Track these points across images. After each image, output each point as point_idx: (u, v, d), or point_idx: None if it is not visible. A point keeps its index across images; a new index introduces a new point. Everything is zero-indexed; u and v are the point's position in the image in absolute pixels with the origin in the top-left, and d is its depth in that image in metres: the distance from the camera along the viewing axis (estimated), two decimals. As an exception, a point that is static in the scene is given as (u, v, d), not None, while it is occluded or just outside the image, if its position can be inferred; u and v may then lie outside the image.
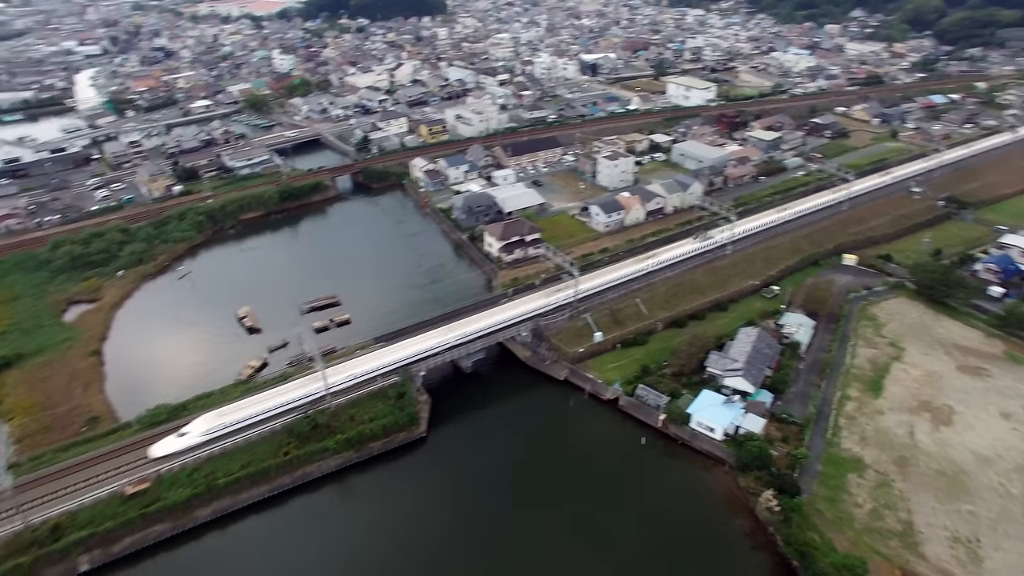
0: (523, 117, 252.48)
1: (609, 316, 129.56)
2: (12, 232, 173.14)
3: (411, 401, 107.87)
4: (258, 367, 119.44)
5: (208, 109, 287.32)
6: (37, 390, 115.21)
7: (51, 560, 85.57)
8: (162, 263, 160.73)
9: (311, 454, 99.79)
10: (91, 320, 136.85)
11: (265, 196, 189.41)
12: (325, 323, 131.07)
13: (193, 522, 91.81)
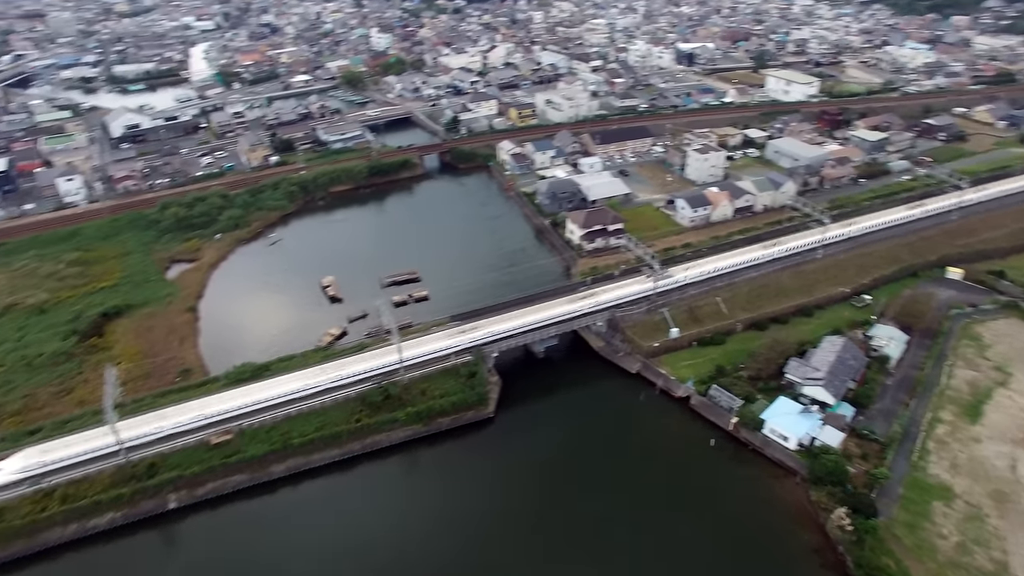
0: (614, 105, 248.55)
1: (687, 313, 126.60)
2: (129, 192, 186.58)
3: (482, 381, 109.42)
4: (337, 335, 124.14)
5: (307, 84, 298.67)
6: (141, 339, 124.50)
7: (146, 494, 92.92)
8: (256, 229, 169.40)
9: (381, 424, 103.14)
10: (190, 278, 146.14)
11: (355, 170, 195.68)
12: (404, 298, 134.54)
13: (268, 476, 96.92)
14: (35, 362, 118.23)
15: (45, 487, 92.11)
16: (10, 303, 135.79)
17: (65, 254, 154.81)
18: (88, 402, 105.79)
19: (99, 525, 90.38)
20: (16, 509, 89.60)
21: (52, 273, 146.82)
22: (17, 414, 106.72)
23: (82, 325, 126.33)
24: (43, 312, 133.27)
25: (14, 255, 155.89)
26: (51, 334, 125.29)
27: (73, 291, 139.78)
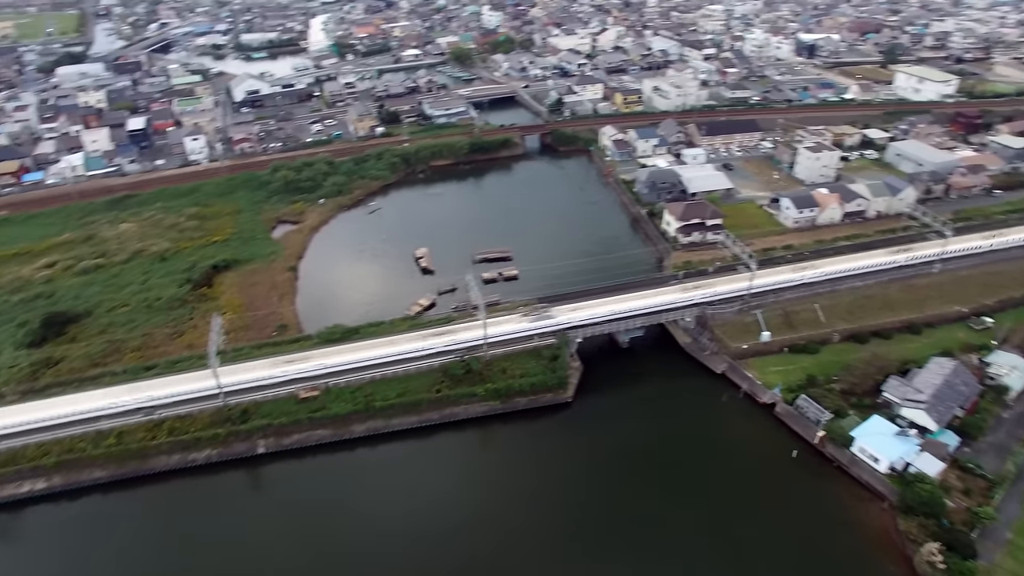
0: (724, 96, 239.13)
1: (781, 317, 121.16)
2: (245, 154, 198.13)
3: (563, 365, 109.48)
4: (426, 306, 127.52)
5: (417, 58, 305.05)
6: (245, 293, 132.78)
7: (239, 437, 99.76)
8: (357, 197, 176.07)
9: (460, 396, 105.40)
10: (293, 239, 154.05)
11: (457, 146, 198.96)
12: (494, 275, 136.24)
13: (349, 434, 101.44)
14: (155, 304, 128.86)
15: (156, 419, 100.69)
16: (138, 249, 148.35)
17: (186, 208, 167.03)
18: (195, 346, 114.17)
19: (197, 459, 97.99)
20: (133, 434, 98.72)
21: (174, 225, 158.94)
22: (137, 350, 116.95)
23: (195, 275, 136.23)
24: (164, 260, 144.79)
25: (145, 206, 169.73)
26: (169, 281, 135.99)
27: (190, 242, 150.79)
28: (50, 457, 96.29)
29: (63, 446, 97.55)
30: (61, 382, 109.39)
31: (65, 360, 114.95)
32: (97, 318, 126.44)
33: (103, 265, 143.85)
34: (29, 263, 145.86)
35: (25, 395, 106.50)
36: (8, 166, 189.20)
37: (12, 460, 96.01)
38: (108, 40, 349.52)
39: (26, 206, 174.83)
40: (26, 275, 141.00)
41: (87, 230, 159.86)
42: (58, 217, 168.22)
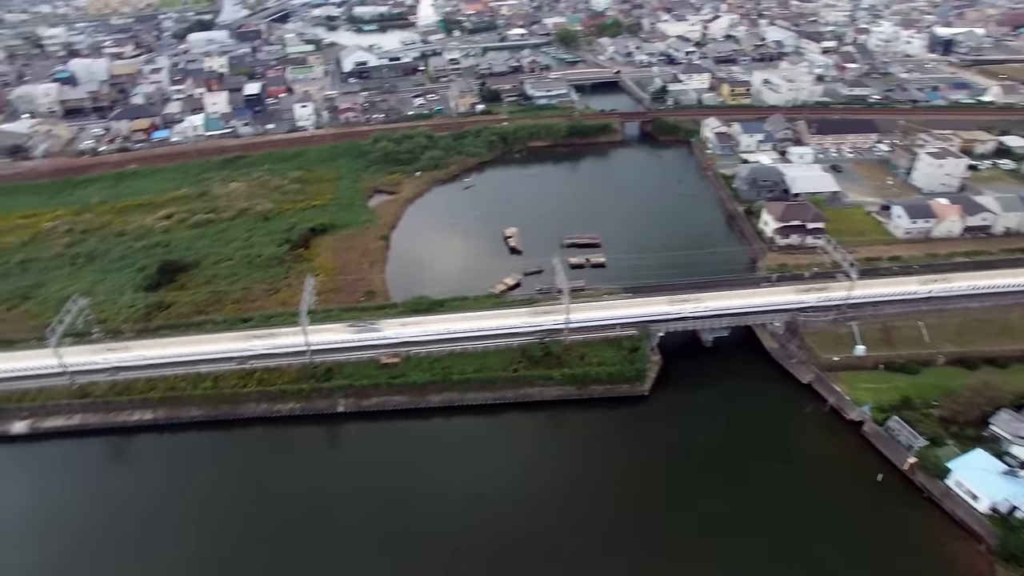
0: (840, 92, 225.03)
1: (880, 332, 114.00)
2: (349, 123, 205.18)
3: (643, 358, 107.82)
4: (511, 285, 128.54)
5: (522, 38, 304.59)
6: (338, 257, 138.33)
7: (321, 394, 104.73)
8: (453, 172, 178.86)
9: (536, 378, 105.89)
10: (387, 209, 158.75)
11: (555, 128, 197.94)
12: (581, 261, 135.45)
13: (425, 403, 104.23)
14: (255, 261, 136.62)
15: (248, 368, 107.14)
16: (244, 208, 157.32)
17: (291, 172, 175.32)
18: (289, 304, 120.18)
19: (282, 410, 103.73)
20: (227, 380, 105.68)
21: (278, 187, 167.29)
22: (236, 302, 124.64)
23: (294, 236, 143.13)
24: (267, 219, 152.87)
25: (254, 167, 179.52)
26: (270, 240, 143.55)
27: (292, 205, 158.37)
28: (156, 392, 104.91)
29: (167, 383, 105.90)
30: (170, 325, 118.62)
31: (174, 305, 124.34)
32: (204, 269, 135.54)
33: (213, 220, 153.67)
34: (151, 213, 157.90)
35: (140, 333, 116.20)
36: (141, 123, 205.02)
37: (126, 391, 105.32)
38: (234, 9, 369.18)
39: (153, 160, 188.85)
40: (148, 224, 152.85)
41: (202, 186, 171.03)
42: (178, 172, 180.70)
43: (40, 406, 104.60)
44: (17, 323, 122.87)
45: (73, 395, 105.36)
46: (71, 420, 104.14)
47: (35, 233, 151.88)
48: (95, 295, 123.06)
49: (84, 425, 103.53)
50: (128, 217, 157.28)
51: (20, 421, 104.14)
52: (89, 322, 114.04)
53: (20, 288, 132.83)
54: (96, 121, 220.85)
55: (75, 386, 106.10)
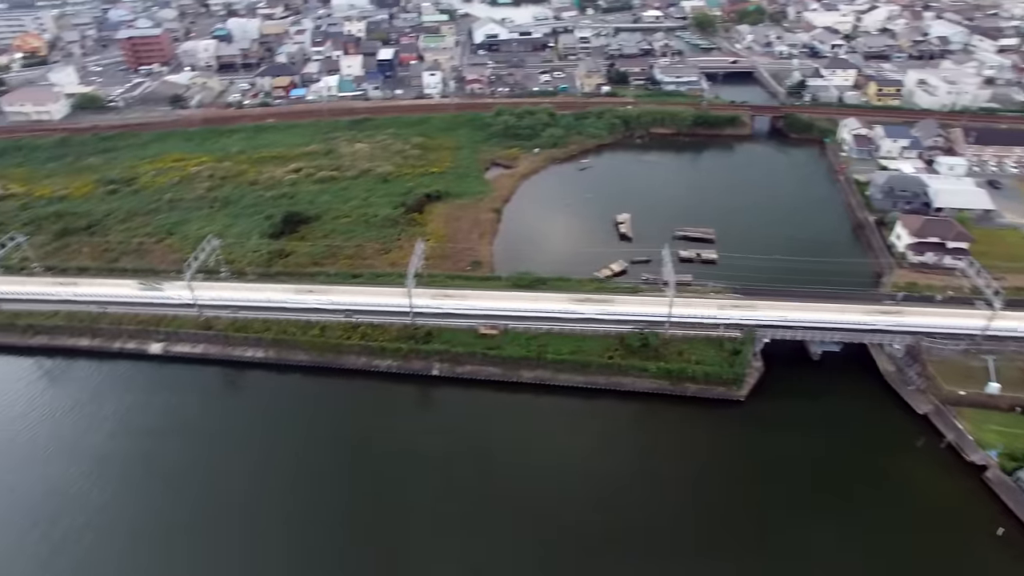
0: (1013, 98, 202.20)
1: (1021, 372, 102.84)
2: (474, 94, 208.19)
3: (744, 362, 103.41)
4: (617, 272, 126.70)
5: (657, 20, 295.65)
6: (449, 225, 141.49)
7: (418, 356, 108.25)
8: (571, 152, 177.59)
9: (631, 368, 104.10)
10: (503, 183, 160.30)
11: (680, 116, 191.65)
12: (691, 255, 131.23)
13: (516, 377, 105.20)
14: (371, 220, 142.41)
15: (353, 322, 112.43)
16: (366, 168, 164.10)
17: (413, 137, 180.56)
18: (397, 265, 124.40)
19: (380, 366, 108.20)
20: (333, 331, 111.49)
21: (400, 151, 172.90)
22: (349, 258, 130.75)
23: (410, 200, 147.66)
24: (386, 181, 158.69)
25: (379, 130, 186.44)
26: (386, 201, 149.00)
27: (411, 169, 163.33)
28: (270, 333, 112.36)
29: (280, 327, 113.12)
30: (287, 272, 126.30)
31: (293, 254, 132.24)
32: (323, 223, 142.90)
33: (336, 178, 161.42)
34: (282, 166, 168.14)
35: (261, 277, 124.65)
36: (282, 81, 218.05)
37: (244, 328, 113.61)
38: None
39: (288, 116, 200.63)
40: (278, 176, 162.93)
41: (329, 144, 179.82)
42: (309, 129, 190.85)
43: (172, 332, 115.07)
44: (161, 255, 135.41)
45: (199, 326, 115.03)
46: (195, 348, 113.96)
47: (183, 176, 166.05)
48: (226, 237, 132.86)
49: (205, 354, 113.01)
50: (261, 168, 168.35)
51: (156, 343, 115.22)
52: (219, 261, 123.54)
53: (167, 224, 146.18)
54: (244, 76, 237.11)
55: (202, 318, 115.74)
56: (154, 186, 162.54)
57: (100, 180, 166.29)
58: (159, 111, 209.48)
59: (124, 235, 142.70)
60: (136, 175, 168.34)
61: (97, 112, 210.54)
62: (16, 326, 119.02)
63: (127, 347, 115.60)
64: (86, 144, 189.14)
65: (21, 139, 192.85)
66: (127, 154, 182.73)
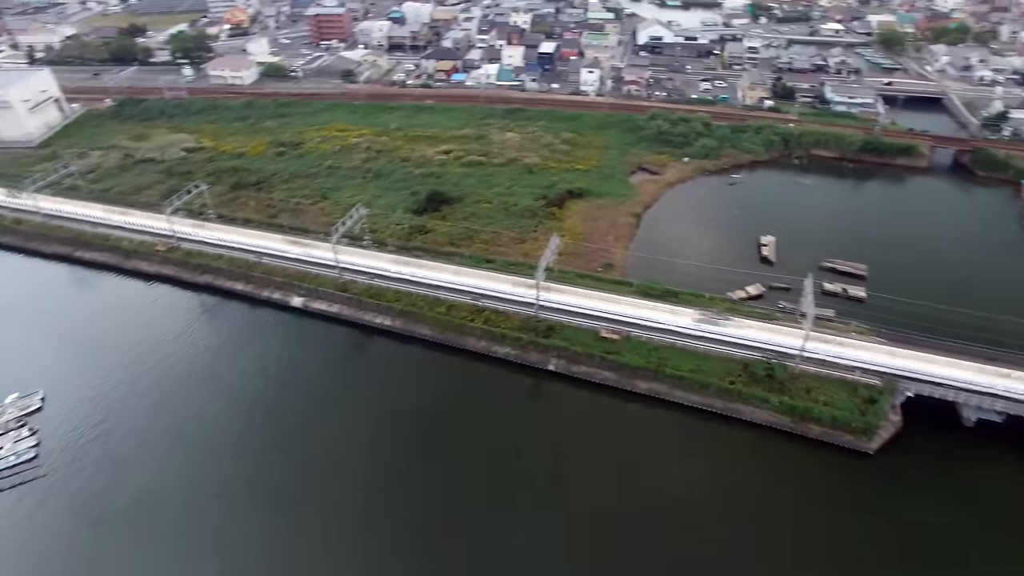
0: None
1: None
2: (630, 96, 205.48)
3: (878, 413, 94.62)
4: (752, 296, 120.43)
5: (836, 34, 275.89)
6: (586, 224, 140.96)
7: (536, 348, 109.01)
8: (722, 165, 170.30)
9: (751, 397, 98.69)
10: (647, 188, 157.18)
11: (847, 139, 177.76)
12: (837, 289, 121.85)
13: (631, 386, 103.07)
14: (510, 209, 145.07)
15: (479, 306, 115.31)
16: (513, 158, 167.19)
17: (563, 132, 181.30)
18: (530, 256, 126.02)
19: (498, 352, 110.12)
20: (459, 311, 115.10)
21: (548, 144, 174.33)
22: (484, 243, 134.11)
23: (551, 194, 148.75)
24: (531, 173, 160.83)
25: (530, 121, 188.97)
26: (528, 192, 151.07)
27: (557, 164, 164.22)
28: (399, 304, 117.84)
29: (409, 300, 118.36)
30: (425, 248, 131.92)
31: (432, 232, 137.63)
32: (464, 206, 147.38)
33: (483, 163, 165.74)
34: (433, 146, 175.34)
35: (399, 250, 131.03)
36: (444, 65, 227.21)
37: (377, 296, 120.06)
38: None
39: (446, 99, 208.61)
40: (428, 155, 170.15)
41: (480, 130, 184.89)
42: (464, 114, 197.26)
43: (313, 289, 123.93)
44: (314, 217, 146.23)
45: (338, 287, 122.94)
46: (331, 307, 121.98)
47: (344, 145, 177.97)
48: (373, 207, 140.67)
49: (339, 314, 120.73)
50: (415, 146, 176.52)
51: (298, 297, 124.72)
52: (363, 229, 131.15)
53: (323, 188, 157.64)
54: (411, 57, 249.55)
55: (341, 280, 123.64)
56: (317, 152, 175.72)
57: (272, 142, 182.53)
58: (331, 83, 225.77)
59: (285, 194, 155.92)
60: (303, 140, 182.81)
61: (279, 80, 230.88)
62: (189, 263, 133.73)
63: (273, 296, 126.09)
64: (266, 108, 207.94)
65: (217, 100, 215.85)
66: (298, 120, 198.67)
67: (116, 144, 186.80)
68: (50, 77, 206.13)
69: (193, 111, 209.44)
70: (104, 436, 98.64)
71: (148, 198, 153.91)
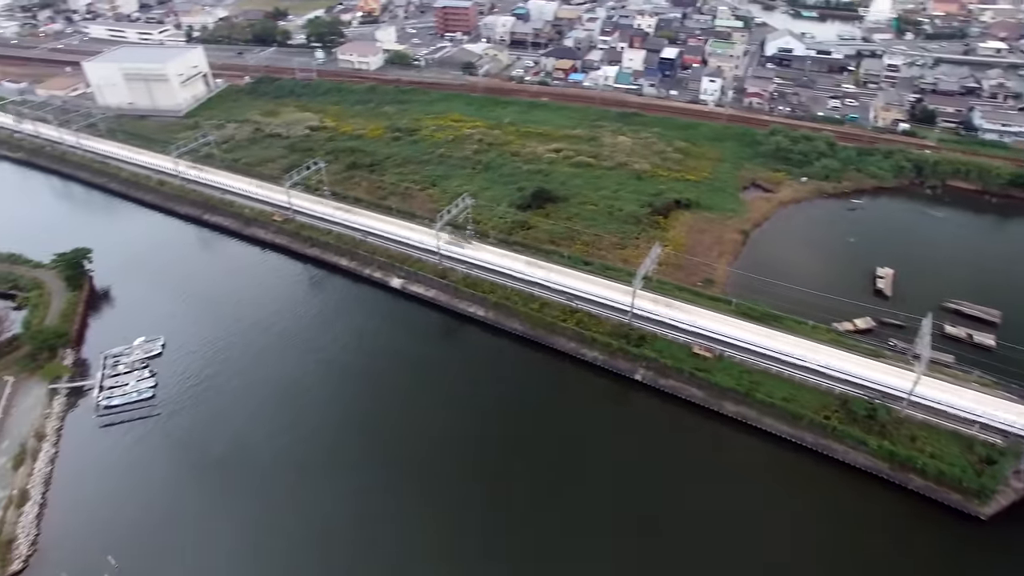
0: None
1: None
2: (750, 108, 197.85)
3: (998, 476, 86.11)
4: (861, 329, 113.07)
5: (997, 54, 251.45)
6: (691, 236, 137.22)
7: (625, 356, 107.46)
8: (843, 188, 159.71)
9: (847, 435, 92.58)
10: (758, 205, 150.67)
11: (992, 171, 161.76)
12: (961, 334, 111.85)
13: (717, 407, 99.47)
14: (614, 213, 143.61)
15: (572, 307, 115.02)
16: (623, 162, 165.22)
17: (677, 140, 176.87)
18: (629, 262, 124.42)
19: (586, 355, 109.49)
20: (551, 309, 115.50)
21: (660, 152, 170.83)
22: (585, 244, 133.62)
23: (658, 202, 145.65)
24: (639, 179, 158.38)
25: (644, 127, 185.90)
26: (635, 198, 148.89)
27: (667, 172, 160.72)
28: (494, 296, 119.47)
29: (504, 292, 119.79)
30: (525, 244, 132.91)
31: (534, 229, 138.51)
32: (569, 206, 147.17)
33: (592, 165, 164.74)
34: (544, 144, 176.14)
35: (500, 243, 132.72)
36: (564, 64, 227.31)
37: (473, 285, 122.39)
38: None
39: (562, 98, 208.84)
40: (538, 152, 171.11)
41: (593, 132, 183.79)
42: (578, 114, 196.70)
43: (413, 272, 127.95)
44: (421, 202, 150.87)
45: (436, 273, 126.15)
46: (428, 292, 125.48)
47: (457, 135, 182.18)
48: (479, 198, 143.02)
49: (435, 299, 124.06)
50: (526, 141, 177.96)
51: (397, 279, 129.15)
52: (467, 219, 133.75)
53: (433, 176, 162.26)
54: (531, 54, 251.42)
55: (440, 267, 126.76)
56: (431, 140, 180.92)
57: (389, 127, 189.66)
58: (451, 74, 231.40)
59: (396, 178, 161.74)
60: (418, 127, 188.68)
61: (402, 68, 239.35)
62: (300, 235, 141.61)
63: (374, 275, 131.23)
64: (387, 94, 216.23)
65: (342, 83, 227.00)
66: (416, 108, 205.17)
67: (249, 118, 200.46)
68: (201, 54, 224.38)
69: (320, 92, 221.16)
70: (210, 386, 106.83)
71: (271, 171, 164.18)
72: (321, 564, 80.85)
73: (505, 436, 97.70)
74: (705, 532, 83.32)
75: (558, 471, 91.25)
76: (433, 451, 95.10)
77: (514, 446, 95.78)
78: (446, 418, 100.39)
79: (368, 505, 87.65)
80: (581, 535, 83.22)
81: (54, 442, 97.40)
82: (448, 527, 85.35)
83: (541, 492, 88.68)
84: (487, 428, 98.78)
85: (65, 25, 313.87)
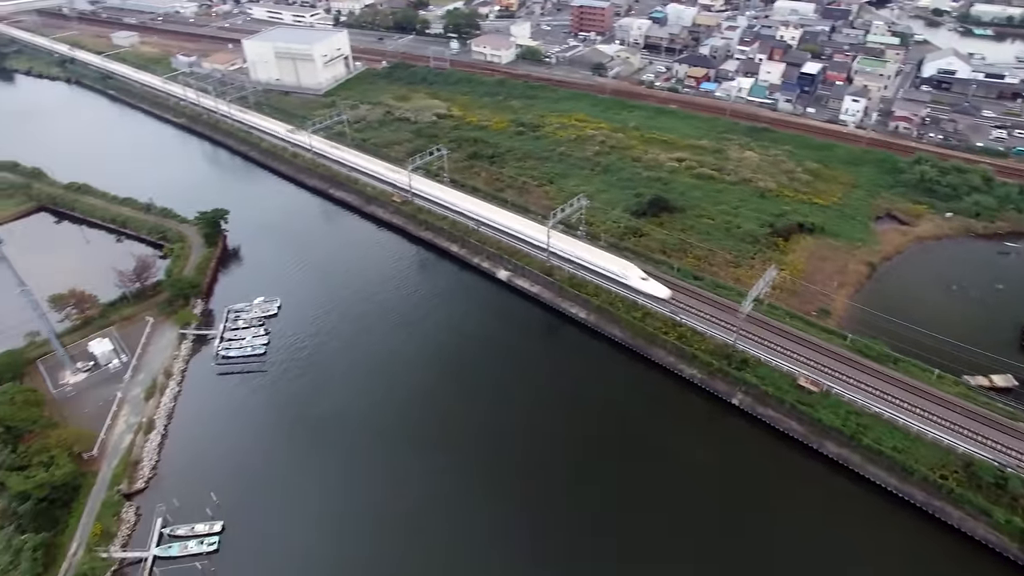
0: None
1: None
2: (896, 133, 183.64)
3: None
4: (998, 387, 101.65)
5: None
6: (811, 262, 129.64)
7: (724, 378, 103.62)
8: (996, 229, 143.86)
9: (967, 502, 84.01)
10: (891, 238, 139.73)
11: None
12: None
13: (818, 445, 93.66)
14: (732, 230, 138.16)
15: (676, 320, 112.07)
16: (747, 178, 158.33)
17: (808, 161, 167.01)
18: (742, 282, 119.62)
19: (683, 371, 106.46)
20: (654, 320, 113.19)
21: (789, 171, 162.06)
22: (697, 259, 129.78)
23: (780, 224, 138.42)
24: (763, 197, 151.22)
25: (774, 144, 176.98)
26: (755, 216, 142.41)
27: (793, 193, 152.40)
28: (597, 299, 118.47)
29: (608, 297, 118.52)
30: (636, 251, 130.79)
31: (646, 236, 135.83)
32: (685, 217, 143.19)
33: (714, 178, 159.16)
34: (667, 151, 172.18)
35: (610, 247, 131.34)
36: (696, 72, 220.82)
37: (577, 286, 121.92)
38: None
39: (690, 107, 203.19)
40: (660, 160, 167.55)
41: (719, 144, 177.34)
42: (705, 125, 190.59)
43: (519, 266, 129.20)
44: (536, 198, 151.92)
45: (542, 269, 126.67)
46: (532, 287, 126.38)
47: (580, 135, 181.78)
48: (594, 200, 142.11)
49: (538, 295, 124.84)
50: (648, 148, 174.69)
51: (504, 271, 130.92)
52: (579, 219, 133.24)
53: (551, 173, 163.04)
54: (663, 59, 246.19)
55: (548, 264, 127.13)
56: (553, 137, 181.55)
57: (514, 121, 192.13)
58: (581, 74, 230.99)
59: (515, 171, 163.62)
60: (542, 124, 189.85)
61: (533, 64, 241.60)
62: (416, 218, 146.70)
63: (482, 265, 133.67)
64: (515, 88, 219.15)
65: (473, 74, 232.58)
66: (542, 105, 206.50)
67: (382, 101, 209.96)
68: (345, 38, 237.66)
69: (451, 81, 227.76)
70: (315, 350, 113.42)
71: (396, 153, 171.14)
72: (389, 537, 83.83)
73: (587, 437, 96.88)
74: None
75: (642, 484, 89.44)
76: (514, 443, 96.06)
77: (598, 449, 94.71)
78: (530, 413, 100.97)
79: (441, 486, 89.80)
80: (643, 560, 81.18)
81: (179, 381, 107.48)
82: (523, 523, 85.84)
83: (627, 500, 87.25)
84: (572, 429, 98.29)
85: (233, 6, 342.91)
